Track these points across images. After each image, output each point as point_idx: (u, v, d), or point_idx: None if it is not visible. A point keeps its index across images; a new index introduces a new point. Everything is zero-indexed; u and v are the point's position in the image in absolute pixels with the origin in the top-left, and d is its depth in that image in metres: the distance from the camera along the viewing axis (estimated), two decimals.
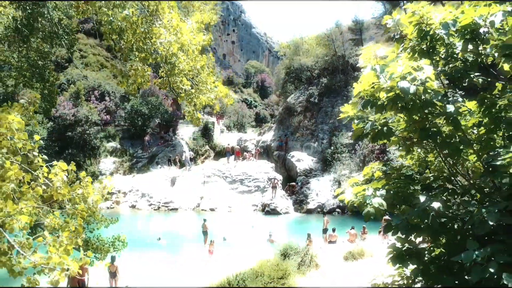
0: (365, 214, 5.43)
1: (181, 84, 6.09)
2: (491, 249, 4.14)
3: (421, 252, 5.34)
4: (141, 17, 5.43)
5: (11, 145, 3.64)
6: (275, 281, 11.61)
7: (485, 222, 4.28)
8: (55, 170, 3.84)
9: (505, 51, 3.71)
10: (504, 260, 4.01)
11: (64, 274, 3.27)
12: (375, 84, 4.76)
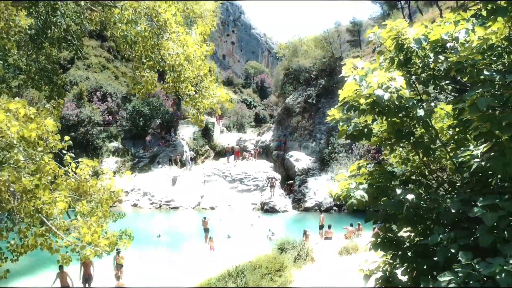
0: (348, 205, 6.20)
1: (186, 90, 6.80)
2: (454, 234, 4.86)
3: (399, 240, 6.08)
4: (151, 31, 6.14)
5: (47, 144, 4.35)
6: (272, 273, 12.32)
7: (449, 211, 5.02)
8: (82, 165, 4.56)
9: (457, 66, 4.41)
10: (464, 242, 4.74)
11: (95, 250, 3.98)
12: (357, 91, 5.47)
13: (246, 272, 11.65)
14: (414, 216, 5.71)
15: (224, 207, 28.87)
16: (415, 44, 5.53)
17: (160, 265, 15.96)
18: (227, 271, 11.83)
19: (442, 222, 5.42)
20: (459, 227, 5.06)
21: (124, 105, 37.65)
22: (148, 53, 6.46)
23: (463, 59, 4.42)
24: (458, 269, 4.30)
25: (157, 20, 6.09)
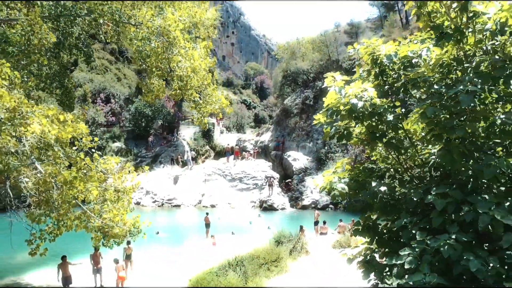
0: (331, 196, 7.26)
1: (192, 97, 7.83)
2: (416, 218, 5.90)
3: (376, 226, 7.11)
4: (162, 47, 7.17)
5: (81, 144, 5.39)
6: (269, 263, 13.34)
7: (411, 199, 6.07)
8: (110, 162, 5.59)
9: (412, 82, 5.45)
10: (423, 225, 5.76)
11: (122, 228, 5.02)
12: (338, 99, 6.51)
13: (245, 262, 12.66)
14: (387, 205, 6.75)
15: (224, 205, 29.89)
16: (386, 60, 6.56)
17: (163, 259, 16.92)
18: (227, 261, 12.83)
19: (408, 209, 6.46)
20: (420, 213, 6.10)
21: (127, 106, 38.66)
22: (159, 64, 7.49)
23: (417, 75, 5.45)
24: (415, 245, 5.35)
25: (167, 37, 7.10)
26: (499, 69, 4.80)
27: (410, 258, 5.30)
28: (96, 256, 12.80)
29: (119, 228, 4.96)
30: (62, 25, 9.29)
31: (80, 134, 5.19)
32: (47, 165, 5.26)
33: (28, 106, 5.44)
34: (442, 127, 5.11)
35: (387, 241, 6.79)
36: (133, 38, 7.31)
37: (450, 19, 5.21)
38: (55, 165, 5.25)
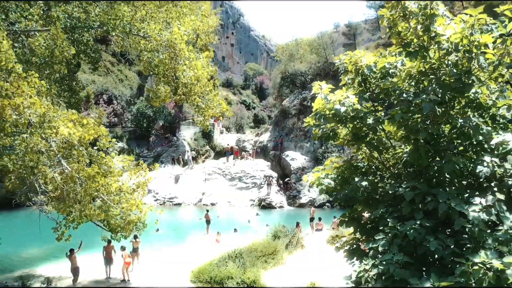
0: (319, 190, 8.19)
1: (195, 102, 8.73)
2: (391, 209, 6.82)
3: (360, 217, 8.02)
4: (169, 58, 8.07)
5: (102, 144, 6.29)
6: (266, 256, 14.23)
7: (387, 192, 6.99)
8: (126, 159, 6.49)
9: (384, 91, 6.35)
10: (396, 214, 6.64)
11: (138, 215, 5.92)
12: (324, 105, 7.41)
13: (244, 254, 13.56)
14: (369, 199, 7.68)
15: (224, 203, 30.78)
16: (367, 70, 7.47)
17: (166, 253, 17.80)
18: (227, 253, 13.73)
19: (385, 201, 7.38)
20: (394, 204, 7.01)
21: (129, 107, 39.53)
22: (166, 73, 8.38)
23: (389, 86, 6.35)
24: (388, 231, 6.26)
25: (173, 49, 7.99)
26: (456, 81, 5.71)
27: (383, 242, 6.22)
28: (109, 248, 13.68)
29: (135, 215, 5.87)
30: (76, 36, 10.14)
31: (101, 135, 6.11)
32: (72, 162, 6.14)
33: (54, 112, 6.30)
34: (409, 129, 6.02)
35: (369, 230, 7.70)
36: (143, 50, 8.21)
37: (417, 38, 6.10)
38: (79, 162, 6.12)
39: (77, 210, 6.46)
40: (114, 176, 6.32)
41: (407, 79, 6.48)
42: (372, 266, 6.29)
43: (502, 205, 5.43)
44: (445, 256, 5.48)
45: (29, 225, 26.07)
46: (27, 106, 6.13)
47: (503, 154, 5.96)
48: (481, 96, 6.31)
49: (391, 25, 6.48)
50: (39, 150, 6.18)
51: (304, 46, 43.14)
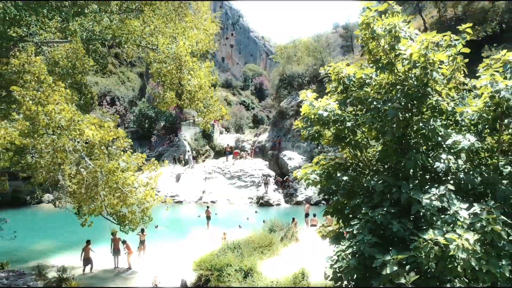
0: (306, 184, 9.36)
1: (198, 107, 9.89)
2: (366, 199, 7.99)
3: (342, 208, 9.19)
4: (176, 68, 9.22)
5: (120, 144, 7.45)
6: (263, 247, 15.38)
7: (363, 185, 8.15)
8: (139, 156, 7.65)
9: (357, 100, 7.52)
10: (370, 204, 7.78)
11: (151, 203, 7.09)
12: (310, 110, 8.58)
13: (242, 246, 14.71)
14: (350, 191, 8.84)
15: (223, 201, 31.94)
16: (347, 80, 8.64)
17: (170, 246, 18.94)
18: (226, 245, 14.89)
19: (361, 193, 8.55)
20: (369, 195, 8.18)
21: (131, 108, 40.66)
22: (172, 81, 9.54)
23: (362, 95, 7.52)
24: (361, 217, 7.44)
25: (179, 61, 9.13)
26: (416, 92, 6.88)
27: (357, 226, 7.42)
28: (116, 240, 14.85)
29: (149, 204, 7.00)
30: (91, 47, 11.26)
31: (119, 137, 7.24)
32: (94, 159, 7.27)
33: (79, 116, 7.43)
34: (378, 132, 7.19)
35: (349, 218, 8.89)
36: (153, 61, 9.35)
37: (385, 55, 7.27)
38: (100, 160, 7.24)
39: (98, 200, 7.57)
40: (131, 171, 7.50)
41: (378, 89, 7.66)
42: (347, 247, 7.49)
43: (452, 194, 6.61)
44: (405, 236, 6.65)
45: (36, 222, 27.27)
46: (57, 112, 7.27)
47: (456, 152, 7.13)
48: (442, 104, 7.48)
49: (364, 44, 7.64)
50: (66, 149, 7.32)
51: (301, 48, 44.31)
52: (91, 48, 13.60)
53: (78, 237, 20.50)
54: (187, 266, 14.29)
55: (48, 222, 27.27)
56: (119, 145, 7.61)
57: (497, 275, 5.92)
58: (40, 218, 28.67)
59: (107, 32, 10.34)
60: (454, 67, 6.93)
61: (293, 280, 10.68)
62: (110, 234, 14.82)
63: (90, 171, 7.42)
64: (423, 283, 5.98)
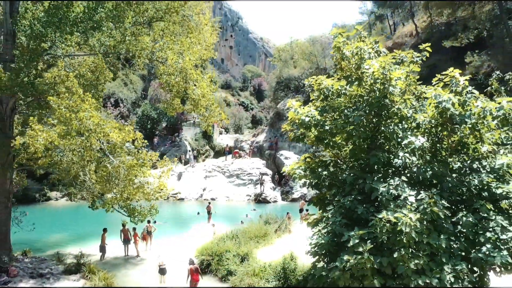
0: (293, 177, 11.06)
1: (201, 112, 11.56)
2: (341, 190, 9.69)
3: (324, 198, 10.87)
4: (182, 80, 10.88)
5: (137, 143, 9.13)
6: (258, 237, 17.03)
7: (339, 179, 9.85)
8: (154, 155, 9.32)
9: (332, 108, 9.20)
10: (344, 193, 9.46)
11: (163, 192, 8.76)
12: (295, 116, 10.25)
13: (239, 235, 16.39)
14: (330, 184, 10.52)
15: (223, 198, 33.61)
16: (326, 90, 10.32)
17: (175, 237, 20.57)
18: (225, 234, 16.57)
19: (338, 184, 10.21)
20: (342, 186, 9.86)
21: (134, 110, 42.27)
22: (179, 90, 11.20)
23: (336, 104, 9.20)
24: (335, 203, 9.13)
25: (185, 73, 10.77)
26: (377, 102, 8.57)
27: (332, 211, 9.10)
28: (125, 230, 16.52)
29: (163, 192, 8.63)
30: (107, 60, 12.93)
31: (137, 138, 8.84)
32: (117, 156, 8.90)
33: (104, 122, 9.03)
34: (347, 134, 8.87)
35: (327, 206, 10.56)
36: (163, 73, 10.98)
37: (354, 72, 8.95)
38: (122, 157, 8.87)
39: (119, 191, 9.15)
40: (146, 166, 9.10)
41: (349, 99, 9.35)
42: (323, 227, 9.21)
43: (404, 184, 8.30)
44: (368, 217, 8.32)
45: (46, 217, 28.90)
46: (87, 118, 8.88)
47: (411, 150, 8.83)
48: (403, 111, 9.18)
49: (337, 63, 9.33)
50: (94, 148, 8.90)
51: (298, 51, 45.99)
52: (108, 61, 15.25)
53: (87, 230, 22.23)
54: (190, 253, 15.93)
55: (57, 217, 28.97)
56: (137, 144, 9.23)
57: (435, 246, 7.62)
58: (49, 214, 30.29)
59: (122, 47, 11.97)
60: (407, 82, 8.62)
61: (283, 262, 12.32)
62: (121, 225, 16.45)
63: (114, 166, 9.04)
64: (377, 253, 7.64)
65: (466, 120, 8.36)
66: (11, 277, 12.83)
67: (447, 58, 36.20)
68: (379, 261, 7.44)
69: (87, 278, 12.78)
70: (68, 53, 12.92)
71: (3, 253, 13.49)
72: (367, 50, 8.77)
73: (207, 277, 14.18)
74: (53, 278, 13.09)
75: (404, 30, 49.15)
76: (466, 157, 9.43)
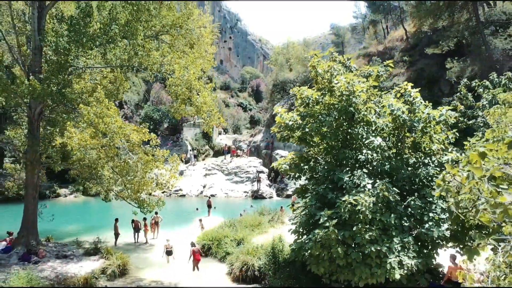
0: (280, 171, 13.25)
1: (203, 116, 13.73)
2: (318, 181, 11.90)
3: (306, 189, 13.03)
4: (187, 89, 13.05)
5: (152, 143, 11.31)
6: (253, 226, 19.19)
7: (317, 172, 12.05)
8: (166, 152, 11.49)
9: (308, 114, 11.39)
10: (320, 183, 11.64)
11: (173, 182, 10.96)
12: (281, 120, 12.42)
13: (236, 223, 18.56)
14: (311, 176, 12.68)
15: (222, 194, 35.78)
16: (306, 99, 12.47)
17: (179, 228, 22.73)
18: (224, 222, 18.75)
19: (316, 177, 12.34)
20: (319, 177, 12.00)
21: (137, 111, 44.39)
22: (185, 99, 13.37)
23: (312, 111, 11.38)
24: (311, 191, 11.33)
25: (190, 85, 12.92)
26: (344, 109, 10.75)
27: (309, 197, 11.27)
28: (136, 221, 18.68)
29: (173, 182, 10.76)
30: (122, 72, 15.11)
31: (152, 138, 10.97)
32: (136, 153, 11.03)
33: (125, 125, 11.17)
34: (321, 135, 11.06)
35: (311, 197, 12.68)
36: (171, 84, 13.14)
37: (327, 85, 11.12)
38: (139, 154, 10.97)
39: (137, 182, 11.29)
40: (160, 161, 11.24)
41: (324, 106, 11.53)
42: (302, 210, 11.38)
43: (364, 175, 10.46)
44: (336, 201, 10.48)
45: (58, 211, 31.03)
46: (112, 122, 11.05)
47: (372, 148, 11.00)
48: (367, 116, 11.35)
49: (313, 78, 11.51)
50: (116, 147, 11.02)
51: (294, 55, 48.16)
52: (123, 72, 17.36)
53: (97, 223, 24.41)
54: (193, 239, 18.10)
55: (68, 211, 31.12)
56: (152, 143, 11.37)
57: (387, 222, 9.79)
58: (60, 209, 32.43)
59: (135, 60, 14.08)
60: (368, 94, 10.82)
61: (272, 243, 14.48)
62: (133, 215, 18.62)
63: (134, 161, 11.16)
64: (341, 227, 9.81)
65: (415, 124, 10.55)
66: (40, 258, 14.98)
67: (433, 63, 38.50)
68: (342, 233, 9.61)
69: (105, 258, 14.92)
70: (88, 65, 15.08)
71: (32, 238, 15.63)
72: (336, 68, 10.94)
73: (208, 258, 16.37)
74: (76, 259, 15.24)
75: (395, 34, 51.24)
76: (422, 154, 11.62)
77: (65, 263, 14.74)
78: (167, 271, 14.89)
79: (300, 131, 12.14)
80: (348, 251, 9.71)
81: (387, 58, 42.96)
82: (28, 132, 15.40)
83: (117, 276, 13.68)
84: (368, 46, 51.65)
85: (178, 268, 15.24)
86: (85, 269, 13.86)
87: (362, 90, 10.77)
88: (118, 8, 14.93)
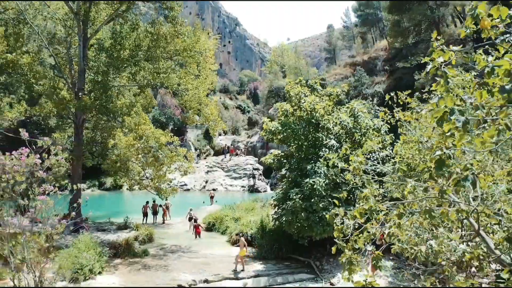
0: (267, 164, 18.17)
1: (209, 123, 18.52)
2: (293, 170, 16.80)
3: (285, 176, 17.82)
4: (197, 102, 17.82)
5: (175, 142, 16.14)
6: (248, 210, 23.97)
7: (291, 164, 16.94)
8: (184, 150, 16.26)
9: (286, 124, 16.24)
10: (292, 171, 16.51)
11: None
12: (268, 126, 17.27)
13: (234, 207, 23.37)
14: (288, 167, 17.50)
15: (222, 188, 40.56)
16: (285, 112, 17.26)
17: None
18: (225, 206, 23.57)
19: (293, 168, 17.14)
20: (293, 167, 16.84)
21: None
22: (195, 110, 18.16)
23: (289, 121, 16.19)
24: (289, 178, 16.22)
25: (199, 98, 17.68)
26: (308, 120, 15.55)
27: (285, 181, 16.08)
28: (155, 205, 23.46)
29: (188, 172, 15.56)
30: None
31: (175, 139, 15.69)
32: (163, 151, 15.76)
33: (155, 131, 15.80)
34: (293, 138, 15.85)
35: None
36: (186, 100, 17.87)
37: (296, 104, 15.89)
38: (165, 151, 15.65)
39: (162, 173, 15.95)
40: (181, 156, 15.90)
41: (296, 118, 16.30)
42: (280, 190, 16.13)
43: (323, 166, 15.26)
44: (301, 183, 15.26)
45: None
46: (148, 129, 15.67)
47: (329, 147, 15.79)
48: (327, 125, 16.15)
49: (287, 97, 16.30)
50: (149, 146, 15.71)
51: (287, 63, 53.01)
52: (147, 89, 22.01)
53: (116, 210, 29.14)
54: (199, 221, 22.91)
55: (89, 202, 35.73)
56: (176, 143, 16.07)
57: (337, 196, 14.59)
58: None
59: (157, 81, 18.78)
60: (325, 110, 15.66)
61: (261, 218, 19.24)
62: (152, 201, 23.41)
63: (162, 156, 15.87)
64: (304, 200, 14.57)
65: (356, 131, 15.36)
66: (86, 230, 19.71)
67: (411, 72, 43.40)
68: (305, 204, 14.39)
69: (135, 230, 19.65)
70: (121, 84, 19.86)
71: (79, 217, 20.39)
72: (304, 91, 15.76)
73: (212, 233, 21.17)
74: (112, 231, 19.98)
75: (380, 45, 56.19)
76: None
77: (105, 234, 19.45)
78: (181, 240, 19.68)
79: (280, 135, 16.89)
80: (309, 216, 14.49)
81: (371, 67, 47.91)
82: (74, 135, 20.16)
83: (146, 242, 18.43)
84: (355, 55, 56.60)
85: (189, 238, 20.05)
86: (122, 237, 18.56)
87: (321, 107, 15.56)
88: (141, 35, 19.70)
